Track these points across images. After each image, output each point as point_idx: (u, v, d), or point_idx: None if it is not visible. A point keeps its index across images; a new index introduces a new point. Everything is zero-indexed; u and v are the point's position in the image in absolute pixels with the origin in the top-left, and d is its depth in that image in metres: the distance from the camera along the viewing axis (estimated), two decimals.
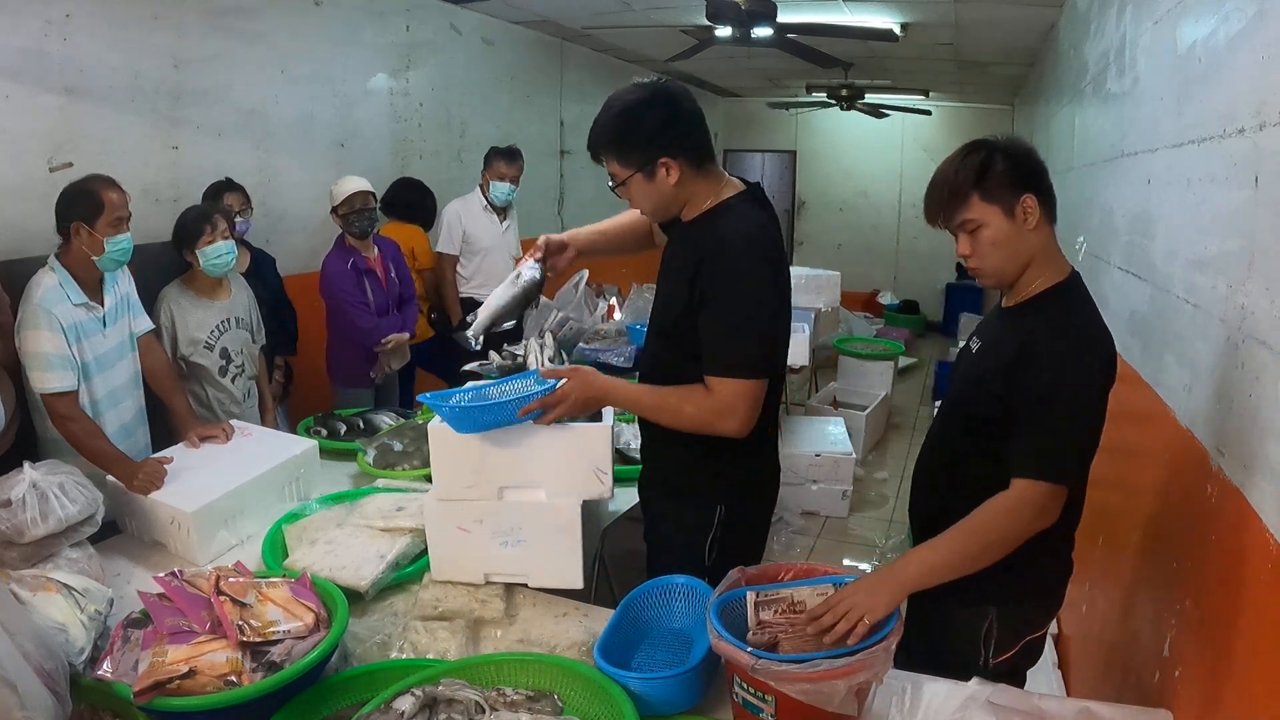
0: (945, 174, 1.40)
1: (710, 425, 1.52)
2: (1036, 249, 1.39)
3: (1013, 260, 1.39)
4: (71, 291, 2.06)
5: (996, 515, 1.32)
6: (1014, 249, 1.37)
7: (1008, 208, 1.35)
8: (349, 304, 3.28)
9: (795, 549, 3.93)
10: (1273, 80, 1.28)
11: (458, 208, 3.96)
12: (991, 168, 1.35)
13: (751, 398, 1.51)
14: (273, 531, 1.84)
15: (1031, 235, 1.37)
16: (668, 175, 1.52)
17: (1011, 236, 1.36)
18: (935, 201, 1.40)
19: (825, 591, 1.34)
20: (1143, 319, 2.08)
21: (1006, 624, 1.48)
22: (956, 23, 4.79)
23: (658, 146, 1.50)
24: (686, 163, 1.53)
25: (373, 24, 4.22)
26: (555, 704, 1.28)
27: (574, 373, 1.56)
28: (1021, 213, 1.35)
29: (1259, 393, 1.25)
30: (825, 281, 4.98)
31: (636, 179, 1.54)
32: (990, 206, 1.35)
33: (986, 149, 1.37)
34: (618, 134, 1.52)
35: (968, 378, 1.52)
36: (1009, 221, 1.36)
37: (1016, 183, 1.35)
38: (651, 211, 1.62)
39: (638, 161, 1.52)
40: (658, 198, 1.57)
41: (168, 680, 1.20)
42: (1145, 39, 2.26)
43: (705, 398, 1.51)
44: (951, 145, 1.48)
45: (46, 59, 2.69)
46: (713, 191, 1.58)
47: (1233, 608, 1.26)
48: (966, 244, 1.40)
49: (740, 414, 1.50)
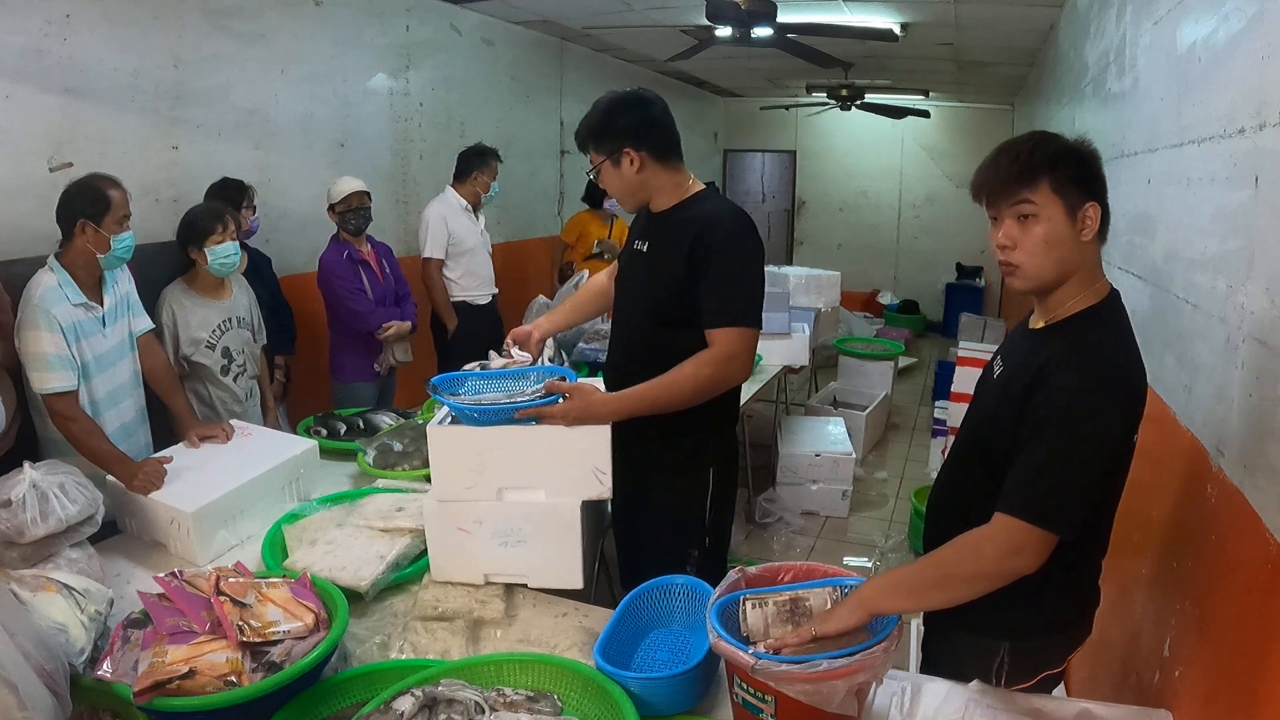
0: (1016, 149, 1.24)
1: (727, 378, 1.72)
2: (1080, 264, 1.25)
3: (1058, 266, 1.25)
4: (71, 291, 2.06)
5: (963, 549, 1.21)
6: (1063, 254, 1.24)
7: (1072, 209, 1.22)
8: (346, 291, 3.31)
9: (795, 549, 3.93)
10: (1273, 80, 1.27)
11: (439, 209, 3.83)
12: (1066, 161, 1.22)
13: (751, 343, 1.73)
14: (273, 532, 1.84)
15: (1083, 246, 1.24)
16: (630, 164, 1.78)
17: (1066, 239, 1.23)
18: (996, 175, 1.25)
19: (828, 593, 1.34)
20: (1143, 319, 2.08)
21: (1021, 659, 1.38)
22: (956, 23, 4.79)
23: (624, 137, 1.77)
24: (649, 155, 1.78)
25: (373, 24, 4.22)
26: (555, 704, 1.28)
27: (575, 390, 1.61)
28: (1082, 219, 1.22)
29: (1259, 393, 1.25)
30: (825, 281, 4.99)
31: (606, 165, 1.81)
32: (1056, 199, 1.21)
33: (1060, 141, 1.24)
34: (594, 126, 1.80)
35: (986, 410, 1.38)
36: (1068, 223, 1.22)
37: (1086, 186, 1.22)
38: (619, 194, 1.86)
39: (607, 149, 1.79)
40: (622, 183, 1.82)
41: (167, 680, 1.20)
42: (1145, 39, 2.26)
43: (714, 354, 1.69)
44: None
45: (46, 59, 2.69)
46: (679, 186, 1.83)
47: (1233, 608, 1.26)
48: (1013, 231, 1.24)
49: (742, 359, 1.71)
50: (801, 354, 4.18)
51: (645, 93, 1.82)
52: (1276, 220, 1.23)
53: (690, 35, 4.94)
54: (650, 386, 1.68)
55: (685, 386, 1.69)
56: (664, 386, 1.68)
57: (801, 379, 6.23)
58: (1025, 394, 1.23)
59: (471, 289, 3.95)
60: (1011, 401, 1.26)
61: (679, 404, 1.70)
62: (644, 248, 1.86)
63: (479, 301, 3.99)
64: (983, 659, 1.38)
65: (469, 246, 3.90)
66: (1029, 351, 1.30)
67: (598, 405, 1.60)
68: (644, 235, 1.88)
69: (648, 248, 1.85)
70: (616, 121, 1.78)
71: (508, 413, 1.57)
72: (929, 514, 1.55)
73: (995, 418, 1.31)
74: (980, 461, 1.36)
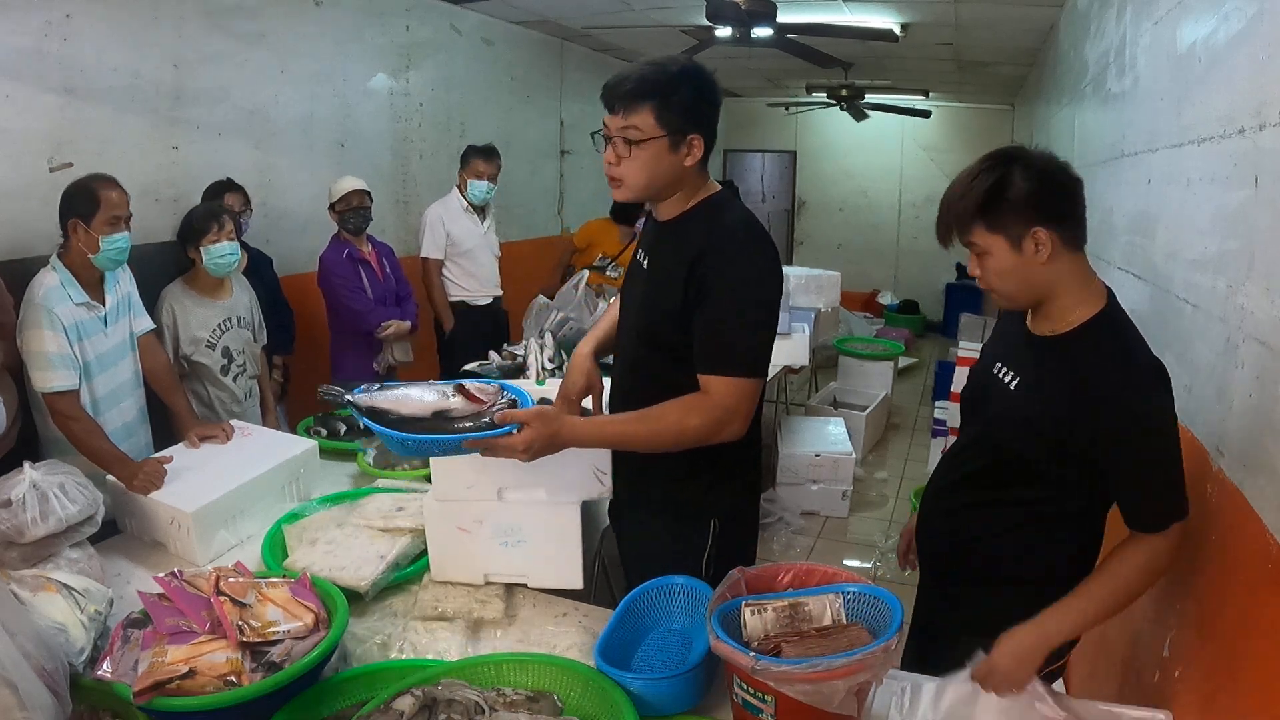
0: (953, 195, 1.29)
1: (716, 433, 1.42)
2: (1057, 279, 1.28)
3: (1025, 290, 1.30)
4: (73, 291, 2.07)
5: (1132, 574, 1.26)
6: (1022, 280, 1.28)
7: (1015, 239, 1.24)
8: (345, 290, 3.32)
9: (795, 549, 3.93)
10: (1273, 80, 1.27)
11: (439, 210, 3.87)
12: (1003, 191, 1.23)
13: (753, 398, 1.44)
14: (273, 531, 1.84)
15: (1044, 268, 1.26)
16: (688, 153, 1.45)
17: (1018, 268, 1.26)
18: (941, 223, 1.32)
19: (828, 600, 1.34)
20: (1143, 319, 2.06)
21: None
22: (956, 23, 4.79)
23: (696, 120, 1.44)
24: (705, 149, 1.47)
25: (373, 24, 4.22)
26: (555, 704, 1.28)
27: (537, 417, 1.36)
28: (1031, 245, 1.24)
29: (1259, 393, 1.25)
30: (825, 281, 4.98)
31: (661, 144, 1.42)
32: (994, 237, 1.26)
33: (1004, 168, 1.25)
34: (667, 90, 1.40)
35: (1010, 418, 1.36)
36: (1015, 254, 1.25)
37: (1028, 212, 1.23)
38: (643, 186, 1.47)
39: (673, 125, 1.41)
40: (664, 172, 1.45)
41: (167, 680, 1.20)
42: (1145, 39, 2.26)
43: (705, 402, 1.41)
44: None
45: (46, 59, 2.69)
46: (700, 188, 1.53)
47: (1233, 608, 1.26)
48: (976, 266, 1.32)
49: (742, 416, 1.43)
50: (801, 354, 4.18)
51: (709, 70, 1.47)
52: (1276, 220, 1.23)
53: (690, 35, 4.93)
54: (628, 422, 1.45)
55: (665, 435, 1.42)
56: (643, 427, 1.43)
57: (801, 379, 6.23)
58: (1074, 407, 1.24)
59: (471, 290, 3.95)
60: (1050, 414, 1.27)
61: (659, 450, 1.46)
62: (645, 262, 1.61)
63: (478, 302, 3.99)
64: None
65: (468, 248, 3.90)
66: (1051, 362, 1.31)
67: (564, 437, 1.39)
68: (647, 247, 1.62)
69: (648, 263, 1.59)
70: (694, 95, 1.42)
71: (453, 444, 1.34)
72: (927, 507, 1.57)
73: (1027, 426, 1.32)
74: (999, 468, 1.39)
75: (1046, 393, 1.30)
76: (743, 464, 1.62)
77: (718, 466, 1.54)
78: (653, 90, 1.40)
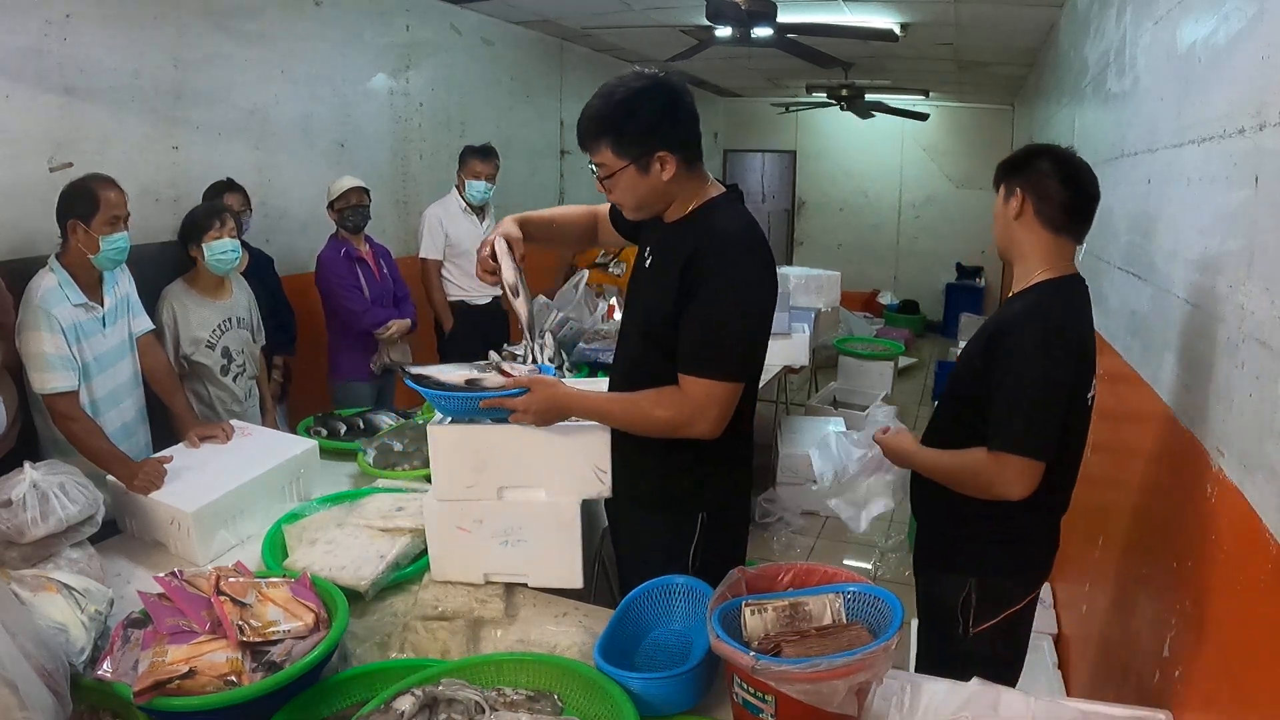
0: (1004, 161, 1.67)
1: (682, 428, 1.48)
2: (1031, 244, 1.58)
3: (1004, 239, 1.64)
4: (71, 292, 2.06)
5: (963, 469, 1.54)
6: (1002, 229, 1.63)
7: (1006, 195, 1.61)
8: (342, 289, 3.32)
9: (795, 549, 3.93)
10: (1273, 80, 1.27)
11: (437, 211, 3.87)
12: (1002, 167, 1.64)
13: (726, 401, 1.47)
14: (273, 531, 1.84)
15: (1020, 225, 1.58)
16: (662, 170, 1.47)
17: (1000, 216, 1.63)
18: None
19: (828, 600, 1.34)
20: (1143, 319, 2.08)
21: (986, 595, 1.60)
22: (956, 23, 4.79)
23: (656, 139, 1.45)
24: (681, 159, 1.48)
25: (373, 24, 4.22)
26: (555, 704, 1.28)
27: (534, 383, 1.49)
28: (1016, 204, 1.57)
29: (1259, 393, 1.25)
30: (825, 281, 4.99)
31: (629, 171, 1.47)
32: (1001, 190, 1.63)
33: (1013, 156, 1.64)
34: (616, 122, 1.45)
35: (962, 362, 1.68)
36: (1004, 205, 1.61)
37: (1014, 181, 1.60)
38: (635, 206, 1.55)
39: (634, 153, 1.46)
40: (646, 192, 1.51)
41: (168, 680, 1.20)
42: (1145, 39, 2.26)
43: (676, 398, 1.47)
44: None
45: (46, 59, 2.69)
46: (698, 192, 1.55)
47: (1233, 608, 1.27)
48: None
49: (711, 417, 1.46)
50: (801, 354, 4.19)
51: (672, 78, 1.48)
52: (1276, 220, 1.23)
53: (690, 35, 4.94)
54: (610, 400, 1.57)
55: (634, 420, 1.51)
56: (617, 408, 1.54)
57: (801, 379, 6.24)
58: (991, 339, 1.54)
59: (470, 290, 3.95)
60: (978, 348, 1.57)
61: (630, 430, 1.53)
62: (647, 261, 1.64)
63: (477, 302, 3.99)
64: (953, 593, 1.61)
65: (467, 248, 3.90)
66: (999, 315, 1.64)
67: (560, 399, 1.49)
68: (652, 247, 1.65)
69: (650, 263, 1.63)
70: (646, 117, 1.44)
71: (473, 402, 1.50)
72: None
73: (968, 366, 1.62)
74: (954, 410, 1.67)
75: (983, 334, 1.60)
76: (730, 460, 1.64)
77: (706, 462, 1.58)
78: (604, 127, 1.46)
